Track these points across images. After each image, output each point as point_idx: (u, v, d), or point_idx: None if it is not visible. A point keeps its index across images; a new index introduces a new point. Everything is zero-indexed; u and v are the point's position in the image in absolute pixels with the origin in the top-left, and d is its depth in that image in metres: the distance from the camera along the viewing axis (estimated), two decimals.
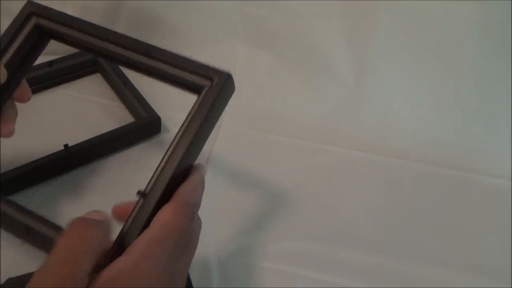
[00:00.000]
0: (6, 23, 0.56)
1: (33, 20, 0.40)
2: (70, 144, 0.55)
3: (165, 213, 0.27)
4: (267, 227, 0.54)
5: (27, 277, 0.34)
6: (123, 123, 0.61)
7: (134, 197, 0.32)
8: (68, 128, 0.62)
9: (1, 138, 0.41)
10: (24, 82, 0.42)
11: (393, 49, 0.64)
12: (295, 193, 0.58)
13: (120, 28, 0.72)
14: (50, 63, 0.67)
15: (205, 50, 0.70)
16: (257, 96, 0.69)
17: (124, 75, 0.68)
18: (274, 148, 0.64)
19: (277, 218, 0.55)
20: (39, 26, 0.40)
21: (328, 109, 0.68)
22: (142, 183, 0.61)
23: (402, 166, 0.63)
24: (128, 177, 0.57)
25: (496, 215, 0.58)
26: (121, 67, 0.68)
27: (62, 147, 0.55)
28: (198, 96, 0.34)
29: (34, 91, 0.49)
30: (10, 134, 0.40)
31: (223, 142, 0.63)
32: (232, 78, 0.35)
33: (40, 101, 0.65)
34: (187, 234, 0.28)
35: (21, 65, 0.41)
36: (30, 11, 0.40)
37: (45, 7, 0.40)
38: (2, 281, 0.44)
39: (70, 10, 0.71)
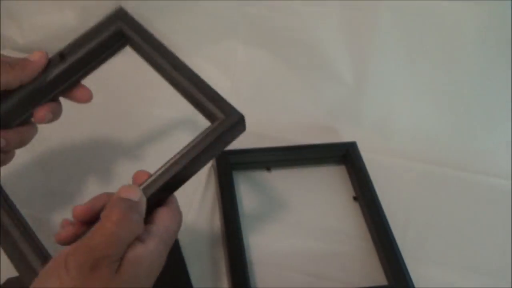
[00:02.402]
0: (6, 23, 0.55)
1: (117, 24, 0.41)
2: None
3: (166, 217, 0.35)
4: (267, 227, 0.54)
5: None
6: None
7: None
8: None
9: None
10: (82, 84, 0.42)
11: (393, 49, 0.64)
12: (294, 193, 0.58)
13: None
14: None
15: (205, 49, 0.70)
16: (257, 95, 0.69)
17: None
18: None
19: (277, 218, 0.55)
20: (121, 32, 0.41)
21: (328, 109, 0.68)
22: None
23: (402, 166, 0.63)
24: (128, 177, 0.57)
25: (496, 215, 0.58)
26: None
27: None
28: (211, 124, 0.37)
29: None
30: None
31: None
32: (244, 120, 0.38)
33: None
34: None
35: (89, 63, 0.41)
36: (117, 15, 0.41)
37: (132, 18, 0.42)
38: (2, 281, 0.44)
39: (70, 10, 0.71)
